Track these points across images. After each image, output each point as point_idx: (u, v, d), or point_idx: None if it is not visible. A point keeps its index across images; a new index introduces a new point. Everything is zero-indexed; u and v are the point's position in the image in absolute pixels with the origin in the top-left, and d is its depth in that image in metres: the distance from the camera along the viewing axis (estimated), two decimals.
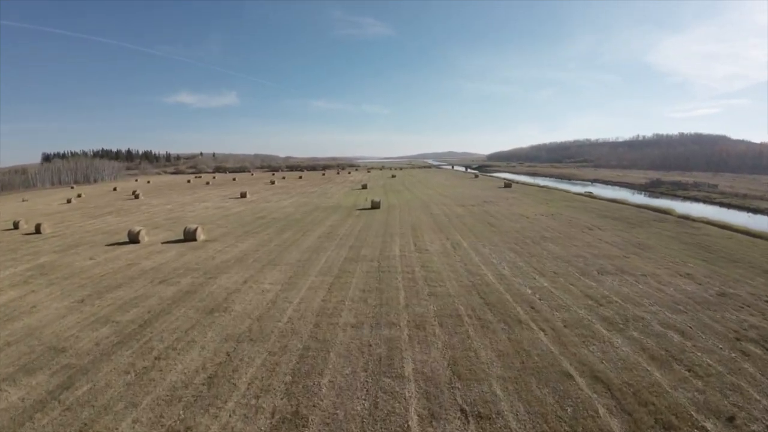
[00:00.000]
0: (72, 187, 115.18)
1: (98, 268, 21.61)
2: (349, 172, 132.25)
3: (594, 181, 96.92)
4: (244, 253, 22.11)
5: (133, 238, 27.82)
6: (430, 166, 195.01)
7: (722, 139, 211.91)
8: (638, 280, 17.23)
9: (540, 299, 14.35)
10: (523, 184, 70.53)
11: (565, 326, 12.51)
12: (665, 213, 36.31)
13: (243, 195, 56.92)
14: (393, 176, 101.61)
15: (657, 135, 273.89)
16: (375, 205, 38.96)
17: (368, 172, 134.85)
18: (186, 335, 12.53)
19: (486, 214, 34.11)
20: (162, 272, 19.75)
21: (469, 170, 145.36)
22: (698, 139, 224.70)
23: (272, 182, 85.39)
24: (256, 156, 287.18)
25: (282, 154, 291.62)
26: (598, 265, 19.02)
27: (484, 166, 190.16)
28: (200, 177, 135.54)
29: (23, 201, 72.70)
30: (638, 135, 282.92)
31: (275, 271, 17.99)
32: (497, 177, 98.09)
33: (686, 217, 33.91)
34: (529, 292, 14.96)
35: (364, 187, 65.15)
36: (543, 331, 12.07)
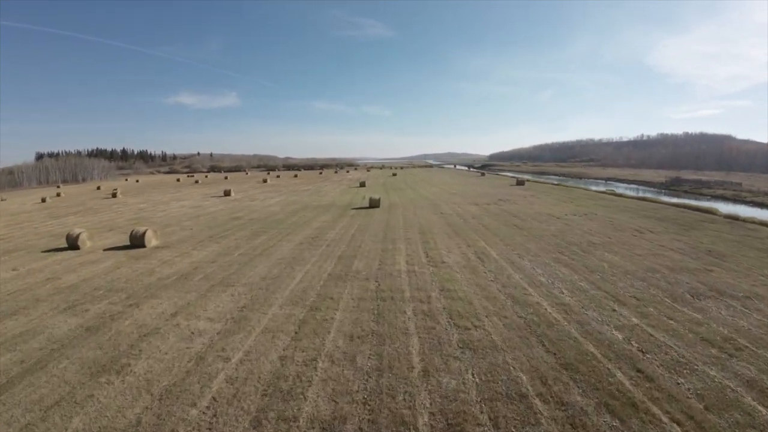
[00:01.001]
0: (58, 186, 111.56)
1: (12, 283, 16.30)
2: (348, 171, 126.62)
3: (608, 179, 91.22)
4: (195, 265, 16.40)
5: (72, 243, 22.33)
6: (431, 166, 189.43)
7: (727, 139, 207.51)
8: (746, 305, 11.79)
9: (642, 351, 8.70)
10: (536, 182, 64.86)
11: (705, 407, 7.02)
12: (709, 213, 30.84)
13: (227, 193, 51.38)
14: (394, 174, 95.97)
15: (662, 134, 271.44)
16: (374, 204, 33.28)
17: (368, 171, 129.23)
18: (36, 426, 6.94)
19: (507, 214, 28.43)
20: (78, 292, 14.20)
21: (471, 169, 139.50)
22: (704, 139, 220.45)
23: (264, 180, 79.76)
24: (255, 156, 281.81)
25: (282, 155, 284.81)
26: (683, 283, 13.47)
27: (487, 165, 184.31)
28: (192, 176, 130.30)
29: (1, 200, 68.83)
30: (642, 135, 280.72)
31: (224, 297, 12.26)
32: (505, 175, 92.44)
33: (734, 218, 28.53)
34: (620, 337, 9.28)
35: (362, 185, 59.47)
36: (678, 424, 6.48)
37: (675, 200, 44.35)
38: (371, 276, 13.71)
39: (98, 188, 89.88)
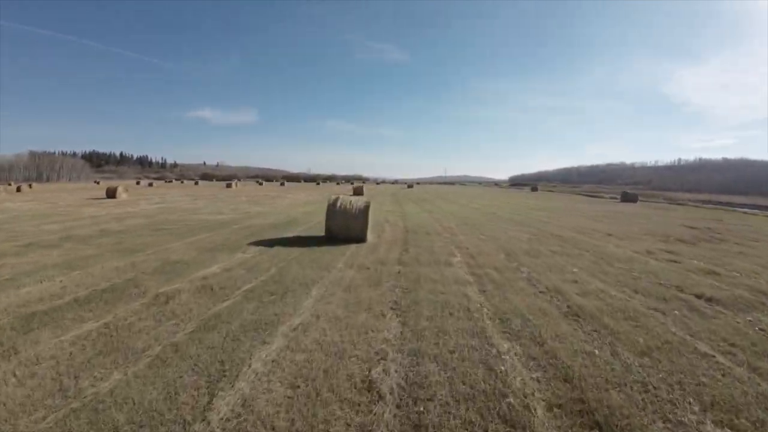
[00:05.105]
0: (9, 185, 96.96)
1: None
2: (353, 183, 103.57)
3: (705, 202, 65.88)
4: None
5: None
6: (453, 183, 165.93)
7: None
8: None
9: None
10: (648, 201, 40.56)
11: None
12: None
13: (110, 194, 29.08)
14: (410, 187, 72.63)
15: (700, 159, 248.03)
16: (352, 230, 9.15)
17: (377, 184, 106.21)
18: None
19: None
20: None
21: (497, 187, 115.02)
22: (748, 164, 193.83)
23: (229, 185, 58.57)
24: (260, 169, 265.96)
25: (295, 171, 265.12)
26: None
27: (516, 185, 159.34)
28: (170, 182, 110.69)
29: None
30: (680, 159, 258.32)
31: None
32: (564, 193, 67.87)
33: None
34: None
35: (357, 192, 35.78)
36: None
37: None
38: None
39: (30, 186, 69.93)
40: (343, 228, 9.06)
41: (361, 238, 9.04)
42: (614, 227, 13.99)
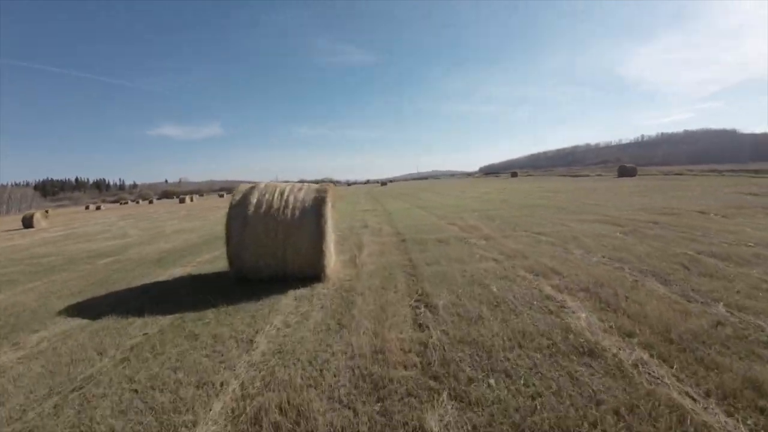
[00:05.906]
0: None
1: None
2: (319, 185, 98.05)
3: (698, 172, 64.89)
4: None
5: None
6: (426, 178, 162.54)
7: (731, 134, 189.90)
8: None
9: None
10: (645, 176, 37.79)
11: None
12: None
13: (28, 223, 22.89)
14: (383, 184, 68.04)
15: (662, 134, 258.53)
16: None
17: (348, 185, 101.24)
18: None
19: None
20: None
21: (471, 178, 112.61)
22: (710, 134, 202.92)
23: (182, 201, 53.33)
24: (226, 181, 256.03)
25: (262, 179, 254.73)
26: None
27: (491, 174, 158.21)
28: (125, 203, 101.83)
29: None
30: (643, 136, 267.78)
31: None
32: (544, 177, 65.29)
33: None
34: None
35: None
36: None
37: None
38: None
39: None
40: (267, 254, 4.17)
41: (311, 273, 4.33)
42: (688, 203, 9.87)
